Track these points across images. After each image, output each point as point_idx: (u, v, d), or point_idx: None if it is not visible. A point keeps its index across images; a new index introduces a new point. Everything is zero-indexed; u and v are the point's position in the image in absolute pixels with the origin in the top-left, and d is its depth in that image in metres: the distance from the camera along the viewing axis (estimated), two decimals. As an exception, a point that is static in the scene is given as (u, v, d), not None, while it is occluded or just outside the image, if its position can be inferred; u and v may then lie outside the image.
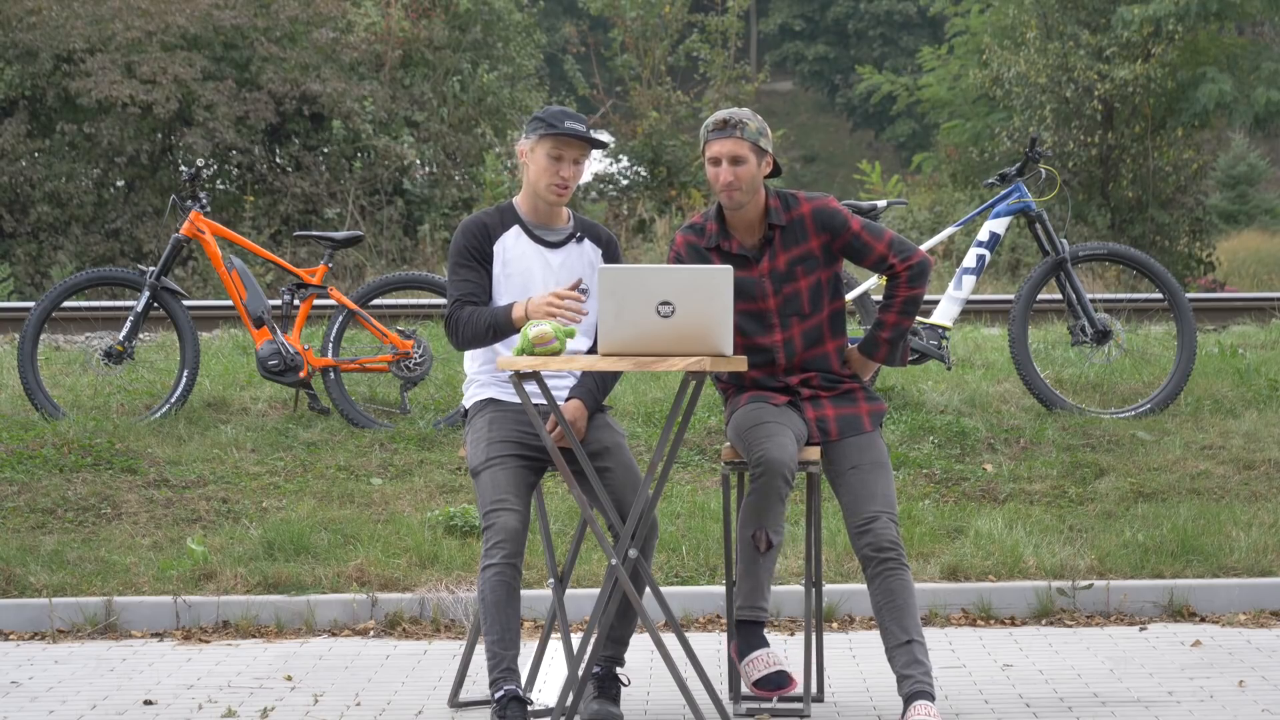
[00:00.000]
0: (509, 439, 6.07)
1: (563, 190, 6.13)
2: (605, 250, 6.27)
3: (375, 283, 10.22)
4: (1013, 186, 9.98)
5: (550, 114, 6.12)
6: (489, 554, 5.88)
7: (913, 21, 50.29)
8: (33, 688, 6.81)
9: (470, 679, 6.55)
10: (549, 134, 6.08)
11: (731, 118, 6.08)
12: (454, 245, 6.18)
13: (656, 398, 10.02)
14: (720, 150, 6.07)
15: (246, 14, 22.15)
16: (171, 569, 7.99)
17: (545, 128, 6.09)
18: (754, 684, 6.10)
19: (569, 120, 6.10)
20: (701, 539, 8.18)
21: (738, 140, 6.06)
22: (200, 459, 9.18)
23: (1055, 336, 11.42)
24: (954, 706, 6.27)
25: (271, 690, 6.71)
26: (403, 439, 9.48)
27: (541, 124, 6.11)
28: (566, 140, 6.09)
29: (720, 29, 26.48)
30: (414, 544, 8.16)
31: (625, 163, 25.66)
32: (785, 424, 6.05)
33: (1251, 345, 11.56)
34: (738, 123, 6.07)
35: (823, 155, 50.55)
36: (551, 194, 6.13)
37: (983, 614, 7.71)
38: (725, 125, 6.07)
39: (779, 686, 6.07)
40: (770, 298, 6.14)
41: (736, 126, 6.06)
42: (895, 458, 8.99)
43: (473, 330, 6.04)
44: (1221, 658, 7.00)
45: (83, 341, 12.47)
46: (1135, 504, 8.60)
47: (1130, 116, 23.82)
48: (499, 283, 6.15)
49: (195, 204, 10.12)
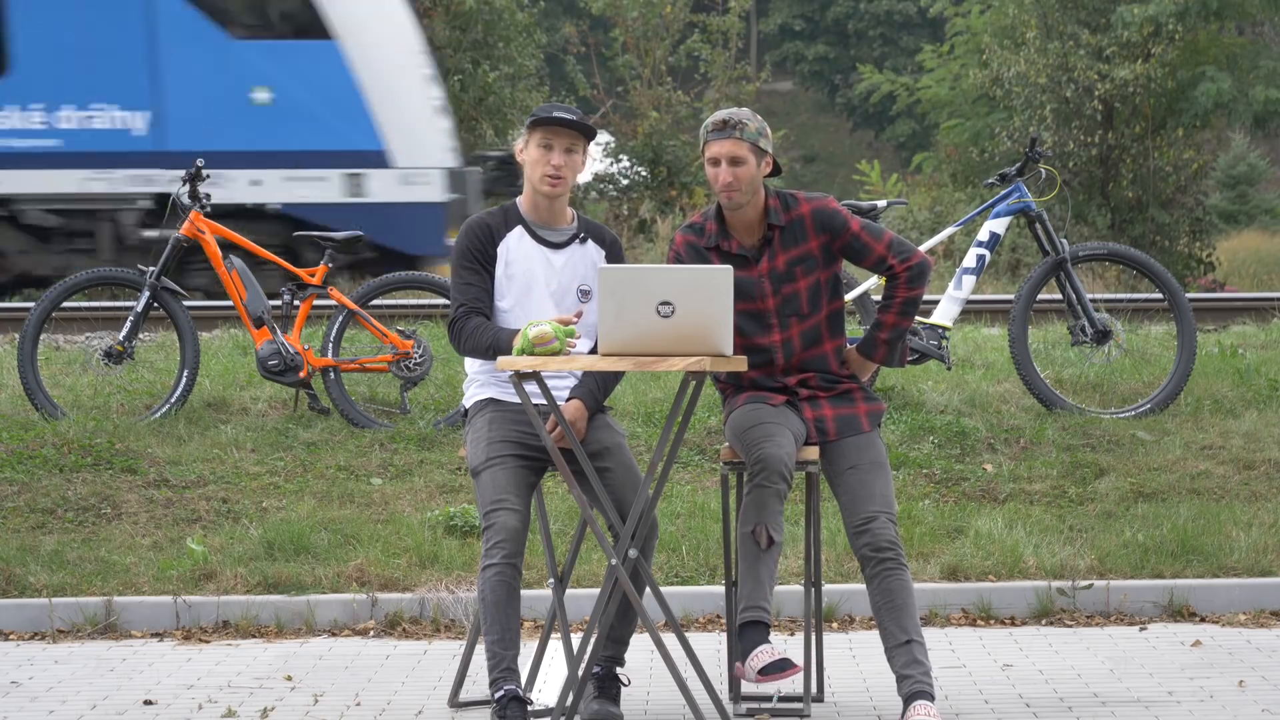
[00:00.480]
0: (509, 439, 6.07)
1: (556, 180, 6.12)
2: (609, 252, 6.27)
3: (375, 283, 10.23)
4: (1013, 186, 9.98)
5: (542, 107, 6.17)
6: (489, 554, 5.88)
7: (913, 21, 50.31)
8: (33, 688, 6.81)
9: (470, 679, 6.55)
10: (537, 123, 6.11)
11: (731, 118, 6.08)
12: (457, 246, 6.18)
13: (656, 398, 10.02)
14: (719, 151, 6.07)
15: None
16: (171, 569, 7.99)
17: (533, 119, 6.12)
18: (759, 673, 5.99)
19: (558, 110, 6.13)
20: (701, 539, 8.18)
21: (737, 141, 6.06)
22: (200, 459, 9.18)
23: (1055, 336, 11.42)
24: (954, 706, 6.28)
25: (271, 690, 6.71)
26: (403, 439, 9.48)
27: (534, 117, 6.14)
28: (555, 129, 6.11)
29: (721, 29, 26.50)
30: (414, 544, 8.16)
31: (626, 163, 25.67)
32: (783, 424, 6.05)
33: (1251, 345, 11.56)
34: (737, 123, 6.07)
35: (823, 155, 50.58)
36: (545, 184, 6.13)
37: (983, 614, 7.71)
38: (725, 126, 6.07)
39: (784, 670, 5.97)
40: (769, 298, 6.14)
41: (736, 127, 6.06)
42: (895, 458, 8.99)
43: (474, 344, 6.09)
44: (1221, 658, 7.00)
45: (83, 341, 12.46)
46: (1135, 504, 8.59)
47: (1130, 116, 23.82)
48: (501, 284, 6.16)
49: (195, 204, 10.12)
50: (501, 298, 6.15)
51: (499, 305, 6.16)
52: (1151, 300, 11.15)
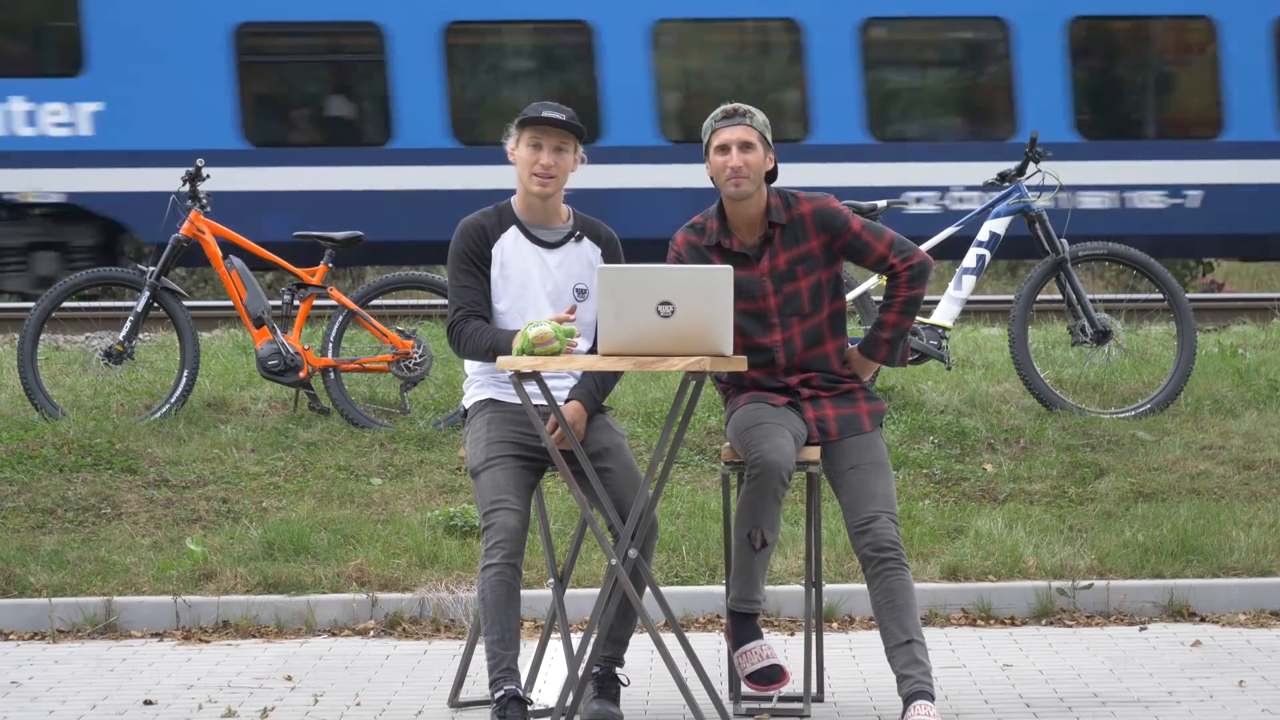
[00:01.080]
0: (508, 439, 6.07)
1: (546, 179, 6.12)
2: (605, 249, 6.26)
3: (375, 283, 10.23)
4: (1012, 186, 9.97)
5: (531, 106, 6.17)
6: (489, 554, 5.88)
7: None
8: (33, 688, 6.81)
9: (470, 679, 6.54)
10: (525, 123, 6.12)
11: (739, 107, 6.13)
12: (453, 249, 6.17)
13: (656, 398, 10.01)
14: (730, 137, 6.07)
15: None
16: (171, 569, 7.99)
17: (522, 118, 6.12)
18: (747, 677, 6.11)
19: (547, 110, 6.13)
20: (701, 539, 8.17)
21: (747, 127, 6.08)
22: (200, 459, 9.18)
23: (1055, 336, 11.41)
24: (954, 706, 6.27)
25: (271, 690, 6.71)
26: (403, 439, 9.48)
27: (521, 117, 6.15)
28: (544, 128, 6.11)
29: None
30: (414, 544, 8.16)
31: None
32: (783, 424, 6.05)
33: (1251, 345, 11.55)
34: (746, 111, 6.11)
35: (823, 155, 50.49)
36: (535, 184, 6.13)
37: (983, 614, 7.71)
38: (734, 113, 6.11)
39: (772, 681, 6.08)
40: (770, 297, 6.14)
41: (745, 115, 6.10)
42: (895, 458, 8.99)
43: (474, 346, 6.09)
44: (1221, 658, 7.00)
45: (83, 341, 12.46)
46: (1135, 504, 8.59)
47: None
48: (496, 284, 6.15)
49: (195, 204, 10.12)
50: (498, 299, 6.15)
51: (496, 307, 6.15)
52: (1151, 300, 11.15)
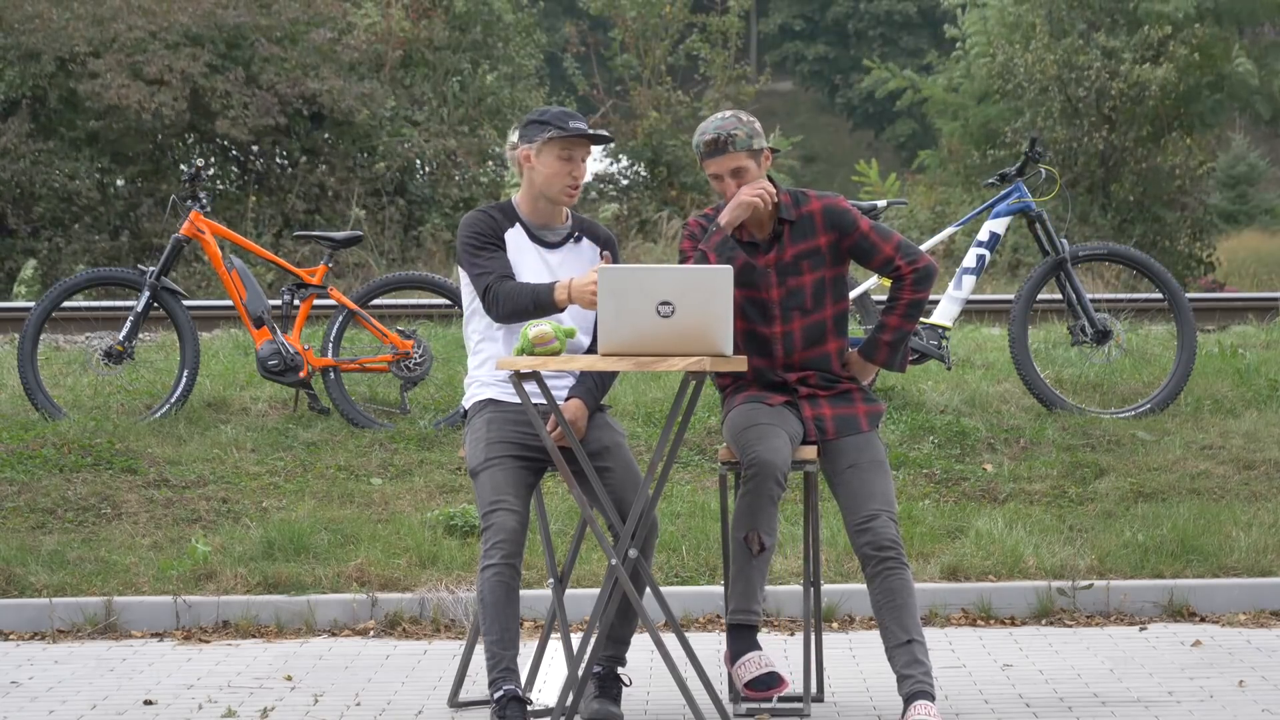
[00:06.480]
0: (508, 439, 6.07)
1: (574, 190, 6.15)
2: (603, 248, 6.27)
3: (375, 283, 10.23)
4: (1012, 186, 9.98)
5: (554, 116, 6.12)
6: (488, 554, 5.88)
7: (913, 21, 50.30)
8: (33, 688, 6.81)
9: (470, 679, 6.55)
10: (558, 136, 6.08)
11: (720, 136, 6.07)
12: (466, 236, 6.11)
13: (656, 398, 10.02)
14: (720, 168, 6.09)
15: (249, 13, 22.13)
16: (171, 569, 7.99)
17: (553, 130, 6.08)
18: (746, 685, 6.11)
19: (573, 120, 6.11)
20: (701, 539, 8.18)
21: (732, 155, 6.08)
22: (200, 459, 9.18)
23: (1055, 336, 11.42)
24: (954, 706, 6.28)
25: (271, 690, 6.71)
26: (403, 439, 9.49)
27: (548, 127, 6.09)
28: (575, 140, 6.10)
29: (721, 29, 26.47)
30: (414, 544, 8.16)
31: (625, 163, 25.66)
32: (779, 425, 6.05)
33: (1251, 345, 11.56)
34: (727, 138, 6.07)
35: (823, 155, 50.54)
36: (565, 195, 6.14)
37: (983, 614, 7.71)
38: (716, 145, 6.07)
39: (770, 687, 6.09)
40: (774, 289, 6.15)
41: (727, 143, 6.07)
42: (895, 458, 8.99)
43: (514, 304, 5.98)
44: (1221, 658, 7.00)
45: (83, 341, 12.46)
46: (1135, 504, 8.60)
47: (1138, 118, 23.77)
48: (502, 277, 6.16)
49: (195, 204, 10.12)
50: (502, 296, 6.15)
51: (497, 307, 6.15)
52: (1151, 300, 11.15)
